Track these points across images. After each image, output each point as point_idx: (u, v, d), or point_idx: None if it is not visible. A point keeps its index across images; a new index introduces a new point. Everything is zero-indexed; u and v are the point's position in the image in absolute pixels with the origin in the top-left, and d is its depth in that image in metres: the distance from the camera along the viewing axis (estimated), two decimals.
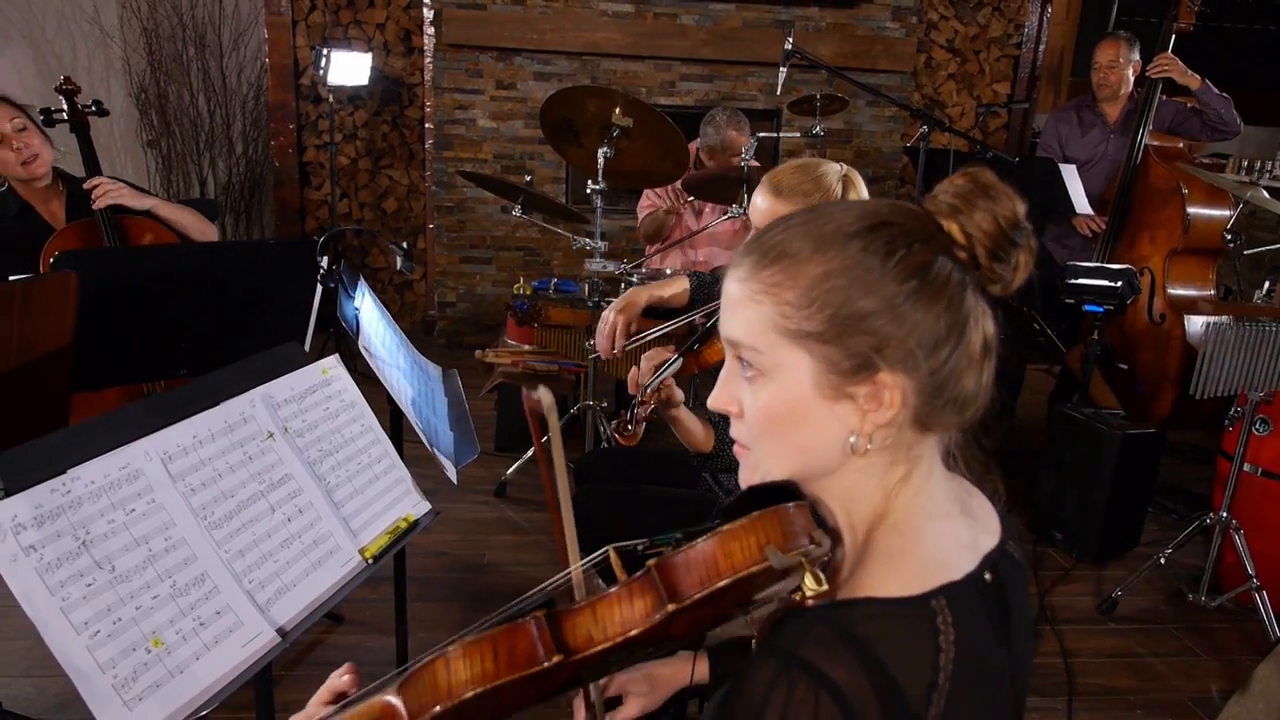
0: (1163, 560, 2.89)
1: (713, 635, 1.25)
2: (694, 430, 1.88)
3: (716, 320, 1.86)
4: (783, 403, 0.80)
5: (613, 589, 0.77)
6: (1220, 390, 2.63)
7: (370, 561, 1.42)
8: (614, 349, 2.18)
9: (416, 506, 1.59)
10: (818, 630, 0.73)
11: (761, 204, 1.78)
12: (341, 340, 4.06)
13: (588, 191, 3.28)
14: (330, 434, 1.49)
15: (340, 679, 0.91)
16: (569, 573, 0.88)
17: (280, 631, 1.23)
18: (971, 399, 0.81)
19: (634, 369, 1.82)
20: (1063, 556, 3.16)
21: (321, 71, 4.44)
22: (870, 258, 0.77)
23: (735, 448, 0.86)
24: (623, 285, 3.40)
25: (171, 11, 4.93)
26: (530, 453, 3.49)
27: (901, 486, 0.81)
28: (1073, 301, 3.14)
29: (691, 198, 3.75)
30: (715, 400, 0.85)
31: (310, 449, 1.44)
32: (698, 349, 1.79)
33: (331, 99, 4.72)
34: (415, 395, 1.89)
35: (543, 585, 0.86)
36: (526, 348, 3.85)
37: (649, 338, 2.14)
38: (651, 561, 0.76)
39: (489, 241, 4.96)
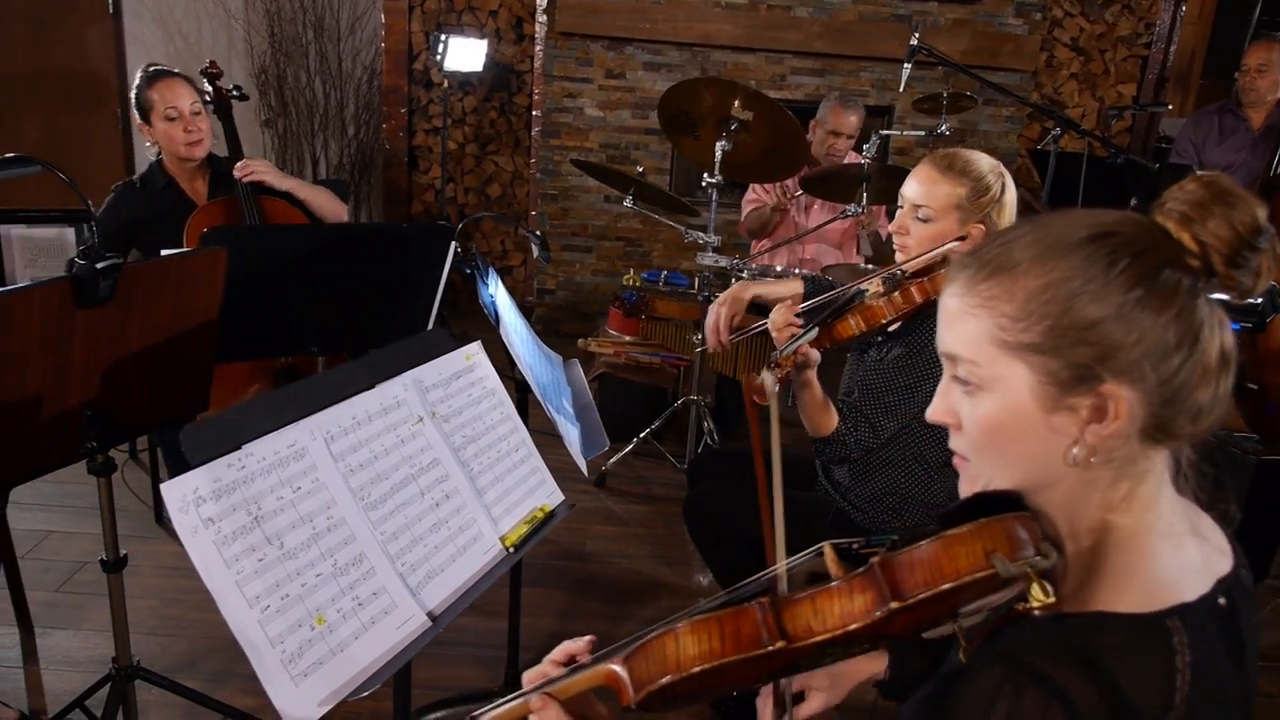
0: None
1: None
2: (820, 406, 1.87)
3: (852, 295, 1.84)
4: (1001, 415, 0.80)
5: (834, 583, 0.79)
6: None
7: (511, 550, 1.42)
8: (720, 341, 2.17)
9: (551, 497, 1.58)
10: (1047, 639, 0.73)
11: (920, 183, 1.83)
12: (444, 325, 4.13)
13: (703, 185, 3.24)
14: (473, 420, 1.50)
15: (575, 644, 0.95)
16: (787, 564, 0.90)
17: (431, 616, 1.24)
18: (1206, 411, 0.79)
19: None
20: None
21: (439, 57, 4.50)
22: (1092, 268, 0.77)
23: (955, 460, 0.87)
24: (732, 280, 3.36)
25: None
26: (632, 445, 3.48)
27: (1129, 501, 0.80)
28: None
29: (800, 193, 3.69)
30: (933, 413, 0.86)
31: (455, 434, 1.45)
32: (831, 323, 1.79)
33: (446, 84, 4.78)
34: (544, 384, 1.89)
35: (757, 576, 0.88)
36: (628, 338, 3.85)
37: (753, 332, 2.12)
38: (875, 559, 0.78)
39: (590, 230, 4.97)
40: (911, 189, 1.84)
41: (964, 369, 0.82)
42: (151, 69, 2.65)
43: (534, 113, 4.93)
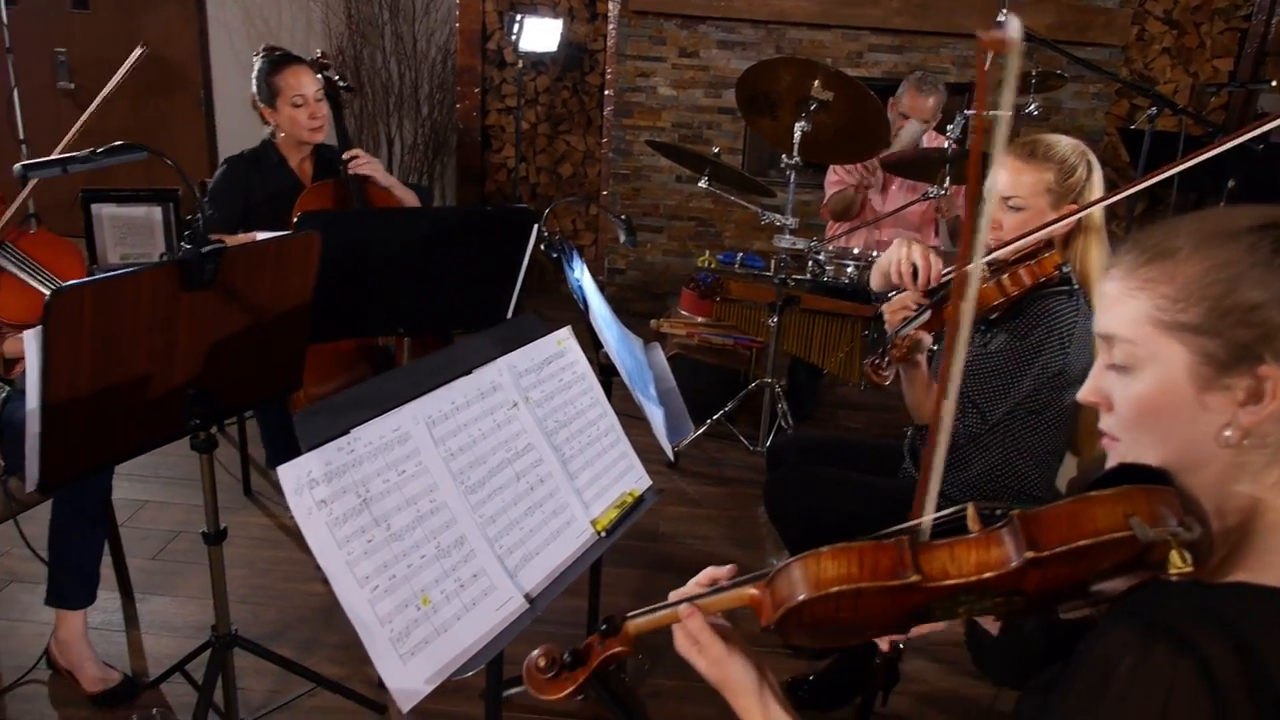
0: None
1: None
2: (929, 391, 1.86)
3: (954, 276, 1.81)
4: (1155, 394, 0.82)
5: (973, 534, 0.82)
6: None
7: (602, 534, 1.44)
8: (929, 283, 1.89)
9: (639, 481, 1.60)
10: (1183, 601, 0.73)
11: (1005, 174, 1.82)
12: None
13: (780, 166, 3.21)
14: (564, 405, 1.51)
15: (718, 570, 1.01)
16: (930, 519, 0.91)
17: (528, 598, 1.26)
18: None
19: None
20: None
21: (514, 37, 4.52)
22: (1256, 254, 0.78)
23: (1104, 440, 0.89)
24: (809, 263, 3.33)
25: None
26: (705, 427, 3.48)
27: None
28: None
29: (878, 173, 3.63)
30: (1084, 393, 0.89)
31: (548, 419, 1.46)
32: (943, 305, 1.80)
33: (520, 64, 4.80)
34: (629, 369, 1.90)
35: (897, 527, 0.89)
36: (700, 319, 3.84)
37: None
38: (1016, 512, 0.80)
39: (661, 210, 4.97)
40: (998, 181, 1.82)
41: (1120, 349, 0.84)
42: (276, 54, 2.70)
43: (606, 92, 4.92)
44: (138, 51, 1.87)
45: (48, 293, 2.02)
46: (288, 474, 1.08)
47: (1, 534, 2.29)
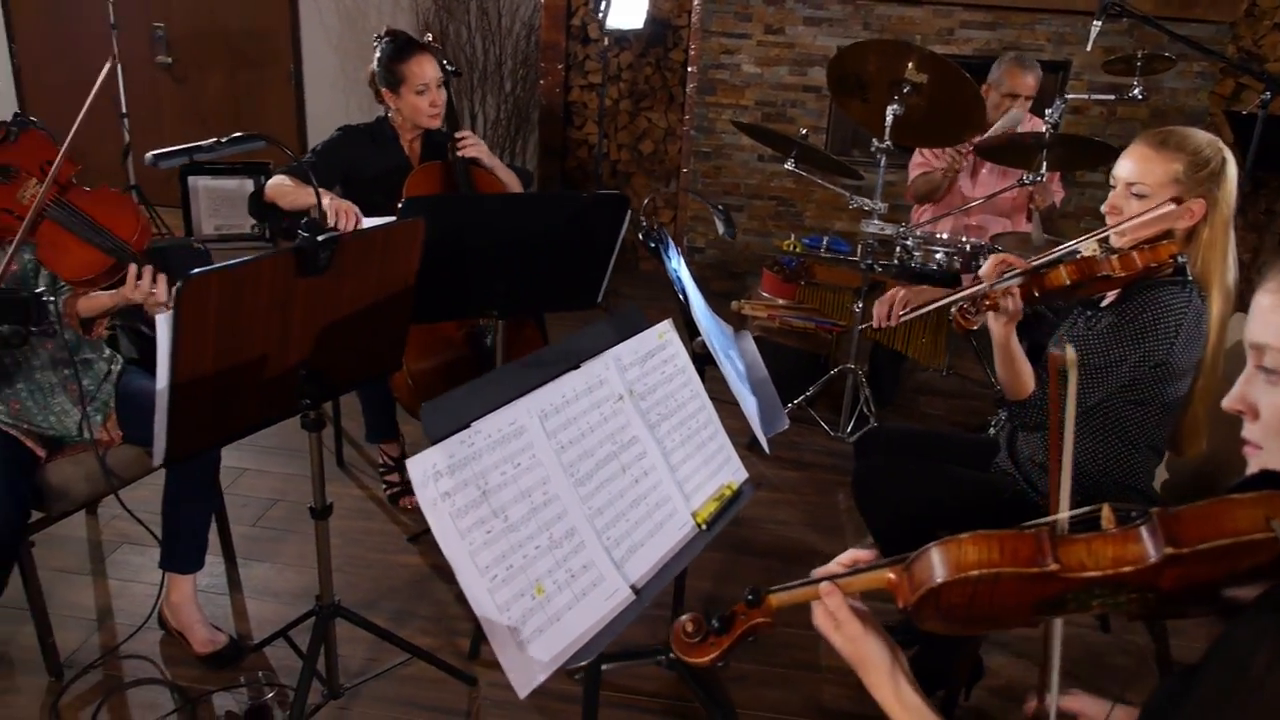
0: None
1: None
2: (1017, 364, 1.85)
3: (1064, 254, 1.81)
4: None
5: (1112, 530, 0.86)
6: None
7: (703, 527, 1.46)
8: (888, 319, 2.22)
9: (737, 474, 1.61)
10: None
11: (1134, 161, 1.82)
12: None
13: (872, 150, 3.16)
14: (666, 398, 1.54)
15: (861, 552, 1.07)
16: (1066, 515, 0.94)
17: (634, 589, 1.29)
18: None
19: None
20: None
21: (601, 15, 4.51)
22: None
23: (1246, 448, 0.92)
24: (896, 248, 3.29)
25: None
26: (785, 410, 3.47)
27: None
28: None
29: (970, 153, 3.55)
30: (1230, 401, 0.92)
31: (651, 411, 1.49)
32: (1042, 271, 1.79)
33: (605, 41, 4.80)
34: (723, 359, 1.91)
35: (1034, 522, 0.93)
36: (781, 302, 3.83)
37: (922, 312, 2.10)
38: (1155, 510, 0.83)
39: (742, 189, 4.94)
40: (1125, 168, 1.83)
41: (1271, 357, 0.87)
42: (401, 39, 2.74)
43: (690, 69, 4.89)
44: (109, 65, 2.01)
45: (103, 250, 2.07)
46: (415, 467, 1.12)
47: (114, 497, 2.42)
